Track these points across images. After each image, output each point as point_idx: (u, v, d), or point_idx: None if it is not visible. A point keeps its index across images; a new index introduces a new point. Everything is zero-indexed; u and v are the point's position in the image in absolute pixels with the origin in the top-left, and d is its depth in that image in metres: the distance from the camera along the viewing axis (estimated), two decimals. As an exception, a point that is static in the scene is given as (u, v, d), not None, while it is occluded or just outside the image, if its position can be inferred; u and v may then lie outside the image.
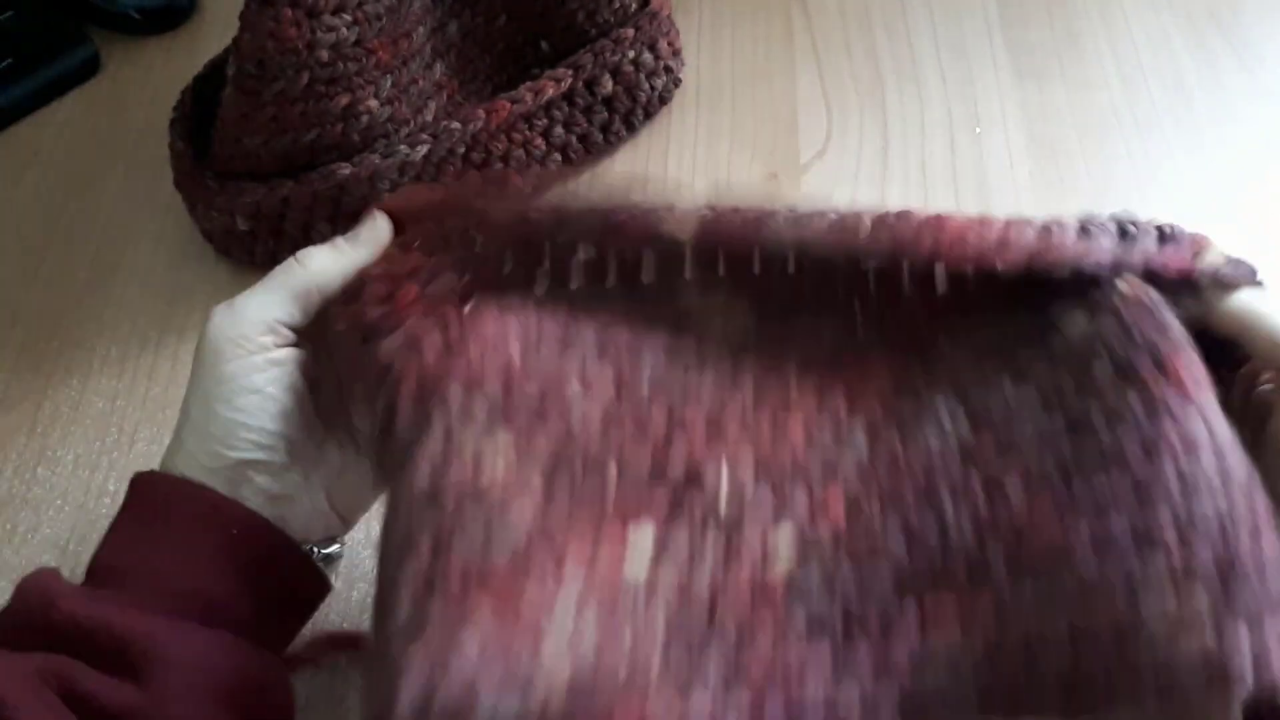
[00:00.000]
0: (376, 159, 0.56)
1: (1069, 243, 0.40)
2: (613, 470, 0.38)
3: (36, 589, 0.38)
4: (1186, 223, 0.59)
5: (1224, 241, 0.59)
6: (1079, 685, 0.33)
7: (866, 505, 0.38)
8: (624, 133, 0.63)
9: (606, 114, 0.62)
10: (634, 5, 0.61)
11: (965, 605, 0.35)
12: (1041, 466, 0.36)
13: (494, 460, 0.37)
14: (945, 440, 0.39)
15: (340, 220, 0.58)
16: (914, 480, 0.38)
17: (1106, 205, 0.60)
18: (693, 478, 0.38)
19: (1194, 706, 0.32)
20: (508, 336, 0.39)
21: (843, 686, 0.35)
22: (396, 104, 0.56)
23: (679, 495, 0.38)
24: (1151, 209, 0.59)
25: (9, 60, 0.68)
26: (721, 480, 0.39)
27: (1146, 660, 0.32)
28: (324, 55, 0.52)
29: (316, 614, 0.49)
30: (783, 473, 0.39)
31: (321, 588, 0.43)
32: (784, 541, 0.38)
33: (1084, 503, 0.35)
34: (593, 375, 0.40)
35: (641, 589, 0.36)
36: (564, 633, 0.34)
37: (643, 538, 0.37)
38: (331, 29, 0.52)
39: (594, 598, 0.36)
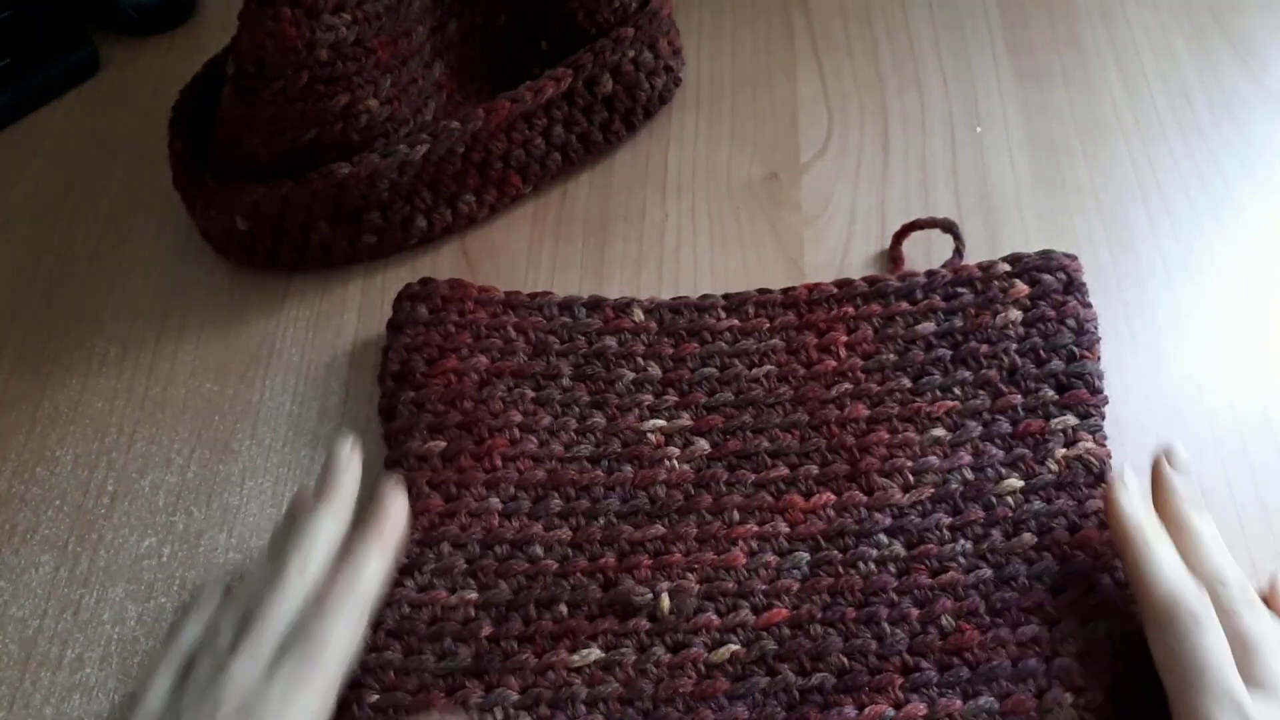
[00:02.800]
0: (376, 158, 0.56)
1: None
2: (563, 609, 0.46)
3: None
4: (1186, 222, 0.59)
5: (1224, 241, 0.59)
6: None
7: (808, 620, 0.45)
8: (624, 132, 0.63)
9: (606, 113, 0.62)
10: (634, 4, 0.61)
11: (900, 709, 0.43)
12: (970, 599, 0.45)
13: (461, 604, 0.46)
14: (883, 565, 0.46)
15: (339, 219, 0.58)
16: (853, 599, 0.45)
17: (1106, 205, 0.60)
18: (639, 608, 0.46)
19: None
20: (491, 504, 0.49)
21: None
22: (396, 103, 0.56)
23: (625, 623, 0.46)
24: (1151, 209, 0.60)
25: (8, 60, 0.68)
26: (664, 606, 0.46)
27: None
28: (323, 54, 0.52)
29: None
30: (727, 595, 0.46)
31: None
32: (728, 653, 0.45)
33: (1004, 628, 0.44)
34: (553, 536, 0.48)
35: (581, 697, 0.44)
36: None
37: (588, 655, 0.45)
38: (331, 28, 0.52)
39: (529, 701, 0.44)
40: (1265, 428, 0.52)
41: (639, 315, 0.54)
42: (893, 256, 0.57)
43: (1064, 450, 0.48)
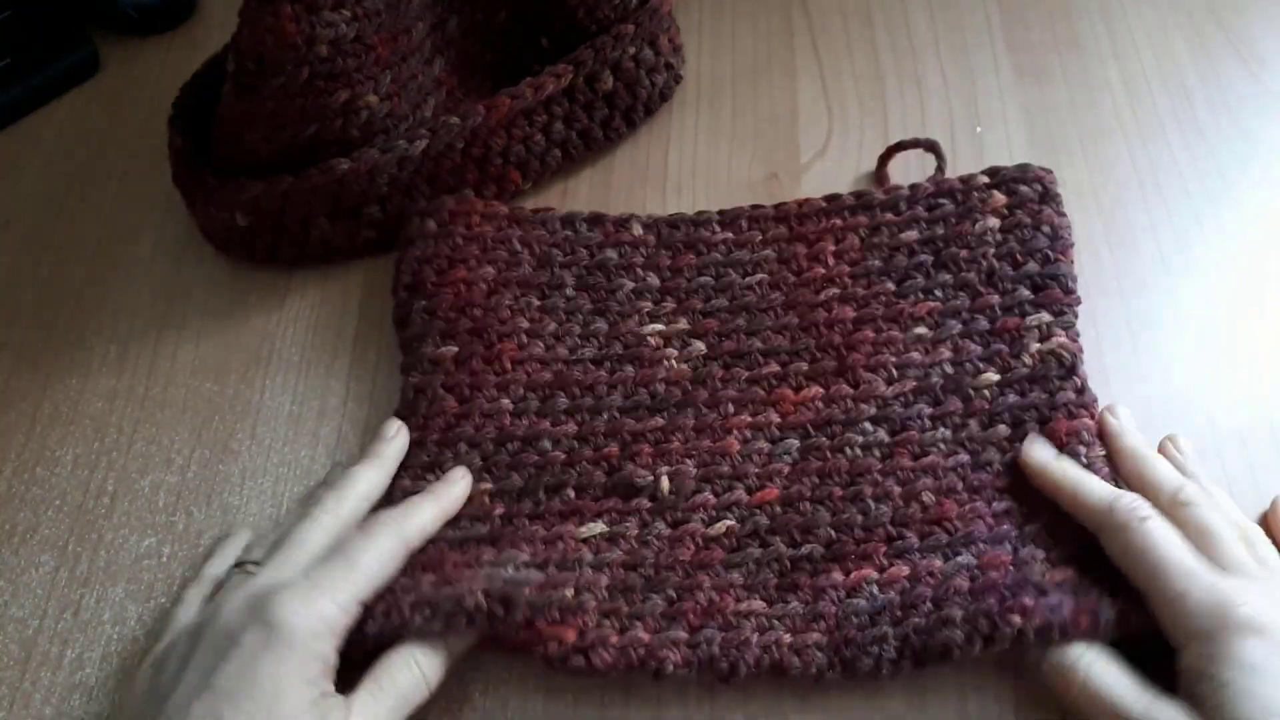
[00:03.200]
0: (375, 154, 0.56)
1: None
2: (570, 493, 0.50)
3: None
4: (1187, 222, 0.59)
5: (1225, 240, 0.59)
6: (978, 618, 0.43)
7: (798, 499, 0.49)
8: (624, 129, 0.63)
9: (607, 110, 0.62)
10: (634, 1, 0.61)
11: (884, 571, 0.46)
12: (949, 479, 0.48)
13: (477, 494, 0.50)
14: (868, 449, 0.50)
15: (339, 215, 0.58)
16: (840, 480, 0.49)
17: (1106, 205, 0.60)
18: (641, 489, 0.49)
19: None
20: (502, 405, 0.52)
21: (773, 631, 0.45)
22: (396, 99, 0.56)
23: (628, 502, 0.49)
24: (1151, 209, 0.59)
25: (8, 60, 0.68)
26: (664, 487, 0.49)
27: (1030, 601, 0.43)
28: (323, 51, 0.52)
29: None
30: (722, 477, 0.50)
31: None
32: (724, 527, 0.48)
33: (979, 503, 0.48)
34: (559, 430, 0.51)
35: (588, 560, 0.47)
36: (502, 573, 0.46)
37: (594, 528, 0.49)
38: (331, 24, 0.52)
39: (538, 561, 0.47)
40: (1266, 427, 0.52)
41: (638, 229, 0.57)
42: (878, 177, 0.61)
43: (1038, 345, 0.51)
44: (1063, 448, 0.48)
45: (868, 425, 0.50)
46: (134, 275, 0.61)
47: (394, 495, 0.49)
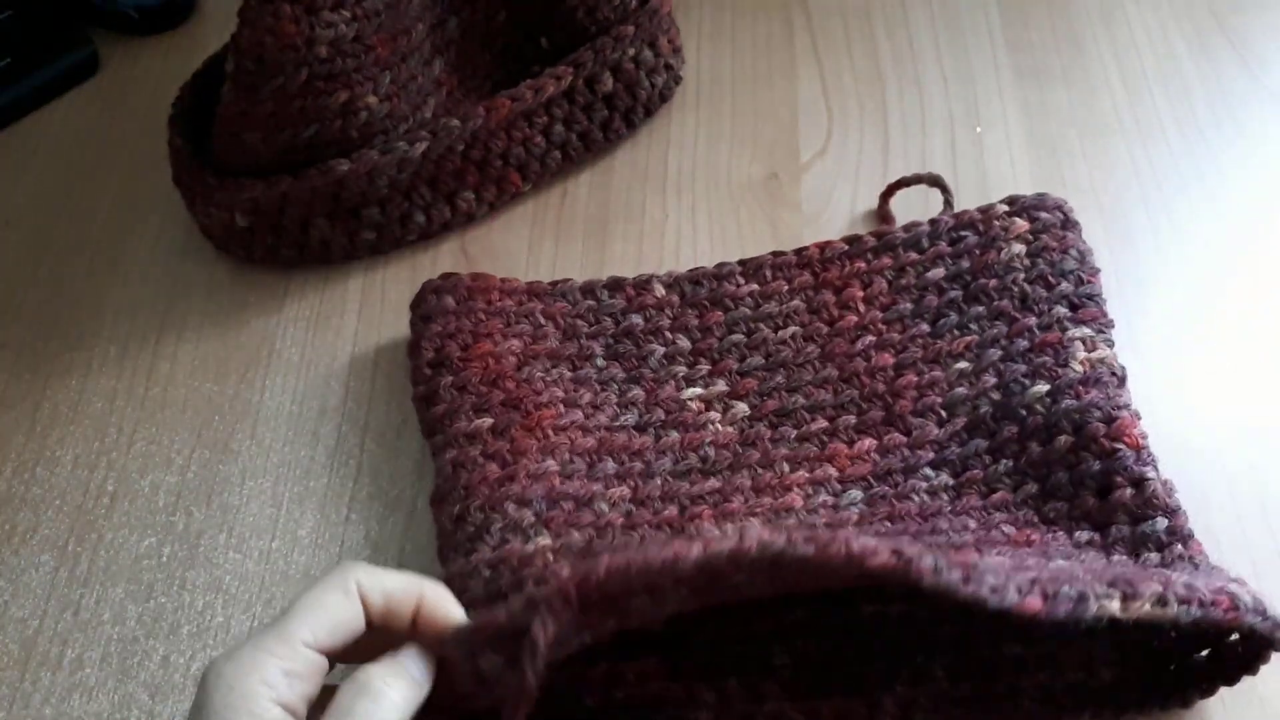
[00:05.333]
0: (375, 155, 0.56)
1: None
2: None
3: None
4: (1186, 222, 0.59)
5: (1225, 240, 0.59)
6: (1117, 580, 0.38)
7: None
8: (624, 130, 0.63)
9: (607, 111, 0.62)
10: (634, 2, 0.61)
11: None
12: (1024, 513, 0.46)
13: (537, 551, 0.45)
14: (935, 494, 0.47)
15: (339, 216, 0.58)
16: (913, 522, 0.46)
17: (1106, 205, 0.60)
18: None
19: None
20: (548, 467, 0.48)
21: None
22: (395, 100, 0.56)
23: None
24: (1151, 209, 0.59)
25: (8, 60, 0.68)
26: None
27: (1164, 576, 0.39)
28: (323, 51, 0.52)
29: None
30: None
31: None
32: None
33: (1061, 532, 0.45)
34: (615, 494, 0.48)
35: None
36: None
37: None
38: (330, 25, 0.52)
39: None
40: (1267, 428, 0.52)
41: (660, 290, 0.55)
42: (881, 215, 0.59)
43: (1085, 354, 0.49)
44: (1138, 449, 0.46)
45: (929, 471, 0.48)
46: (134, 276, 0.61)
47: (453, 584, 0.42)
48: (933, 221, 0.55)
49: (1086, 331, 0.50)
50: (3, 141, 0.68)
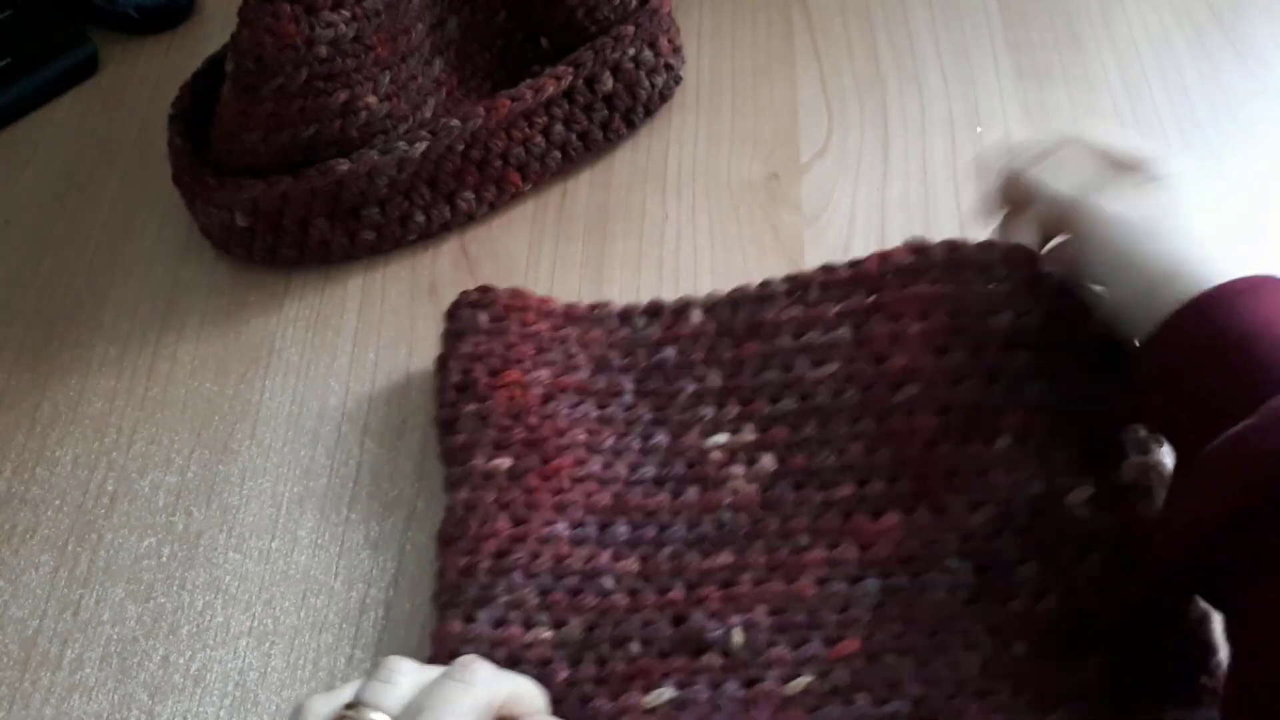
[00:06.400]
0: (375, 155, 0.56)
1: None
2: (635, 646, 0.45)
3: None
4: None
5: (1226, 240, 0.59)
6: None
7: (881, 651, 0.43)
8: (624, 130, 0.63)
9: (607, 111, 0.62)
10: (634, 2, 0.61)
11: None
12: (1039, 629, 0.43)
13: (536, 643, 0.45)
14: (954, 590, 0.44)
15: (338, 216, 0.58)
16: (925, 627, 0.44)
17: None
18: (711, 644, 0.44)
19: None
20: (559, 531, 0.47)
21: None
22: (395, 100, 0.56)
23: (697, 659, 0.44)
24: (1153, 208, 0.59)
25: (8, 59, 0.69)
26: (736, 642, 0.44)
27: None
28: (322, 51, 0.52)
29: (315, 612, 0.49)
30: (798, 627, 0.44)
31: None
32: (802, 685, 0.43)
33: (1074, 659, 0.42)
34: (622, 567, 0.46)
35: None
36: None
37: (661, 694, 0.44)
38: (330, 25, 0.52)
39: None
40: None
41: (697, 317, 0.52)
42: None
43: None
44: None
45: (952, 562, 0.45)
46: (134, 275, 0.61)
47: (447, 640, 0.45)
48: (1016, 249, 0.49)
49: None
50: (3, 141, 0.68)
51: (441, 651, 0.45)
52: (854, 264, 0.51)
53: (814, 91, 0.67)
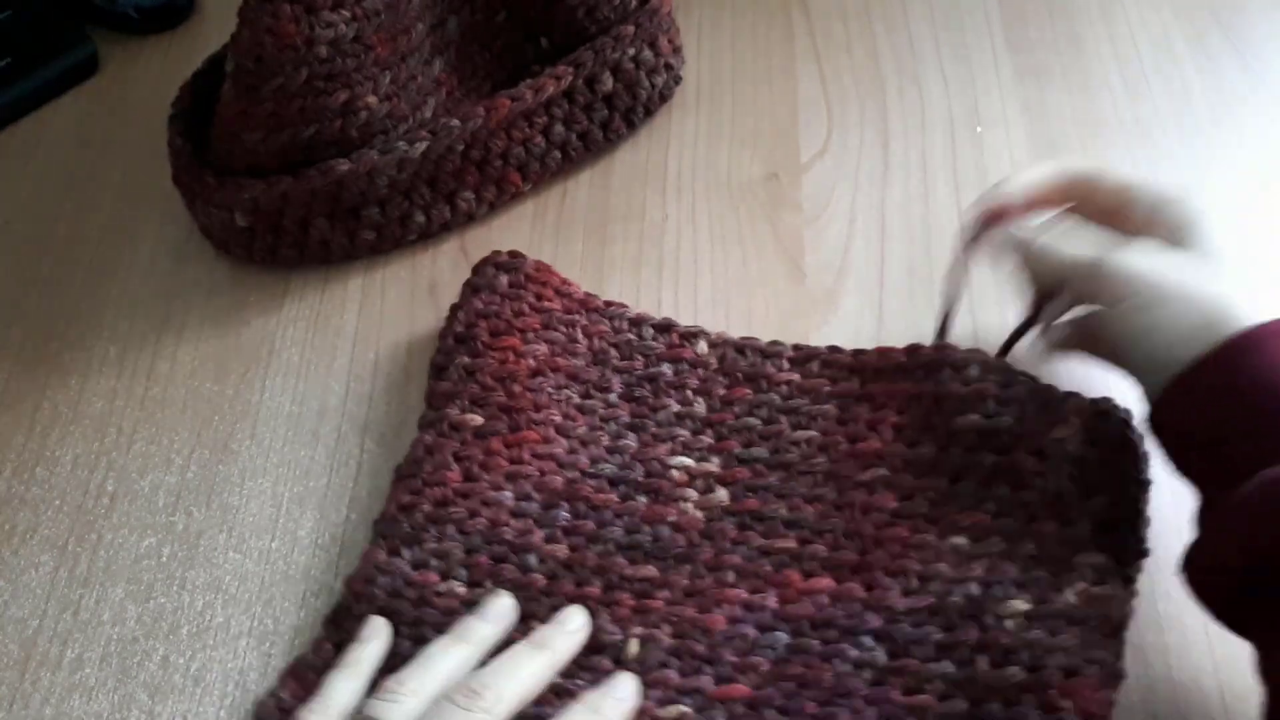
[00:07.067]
0: (375, 155, 0.56)
1: None
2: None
3: None
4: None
5: (1225, 241, 0.59)
6: None
7: (766, 705, 0.43)
8: (624, 130, 0.63)
9: (607, 111, 0.62)
10: (634, 2, 0.61)
11: None
12: None
13: (449, 594, 0.46)
14: (860, 667, 0.44)
15: (338, 216, 0.58)
16: (818, 695, 0.43)
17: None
18: (606, 646, 0.45)
19: None
20: (503, 498, 0.49)
21: None
22: (395, 100, 0.56)
23: (589, 657, 0.45)
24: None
25: (8, 59, 0.69)
26: (631, 652, 0.45)
27: None
28: (322, 51, 0.52)
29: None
30: (695, 656, 0.45)
31: None
32: (676, 713, 0.43)
33: None
34: (550, 550, 0.47)
35: (529, 714, 0.42)
36: None
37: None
38: (330, 25, 0.52)
39: None
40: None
41: (703, 347, 0.53)
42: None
43: (1086, 585, 0.43)
44: (1085, 716, 0.41)
45: (867, 640, 0.44)
46: (134, 276, 0.61)
47: (365, 562, 0.47)
48: (986, 364, 0.49)
49: (1101, 561, 0.44)
50: (3, 141, 0.68)
51: (361, 574, 0.47)
52: (858, 353, 0.52)
53: (814, 91, 0.67)
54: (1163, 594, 0.46)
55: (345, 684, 0.42)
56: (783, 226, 0.60)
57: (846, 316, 0.57)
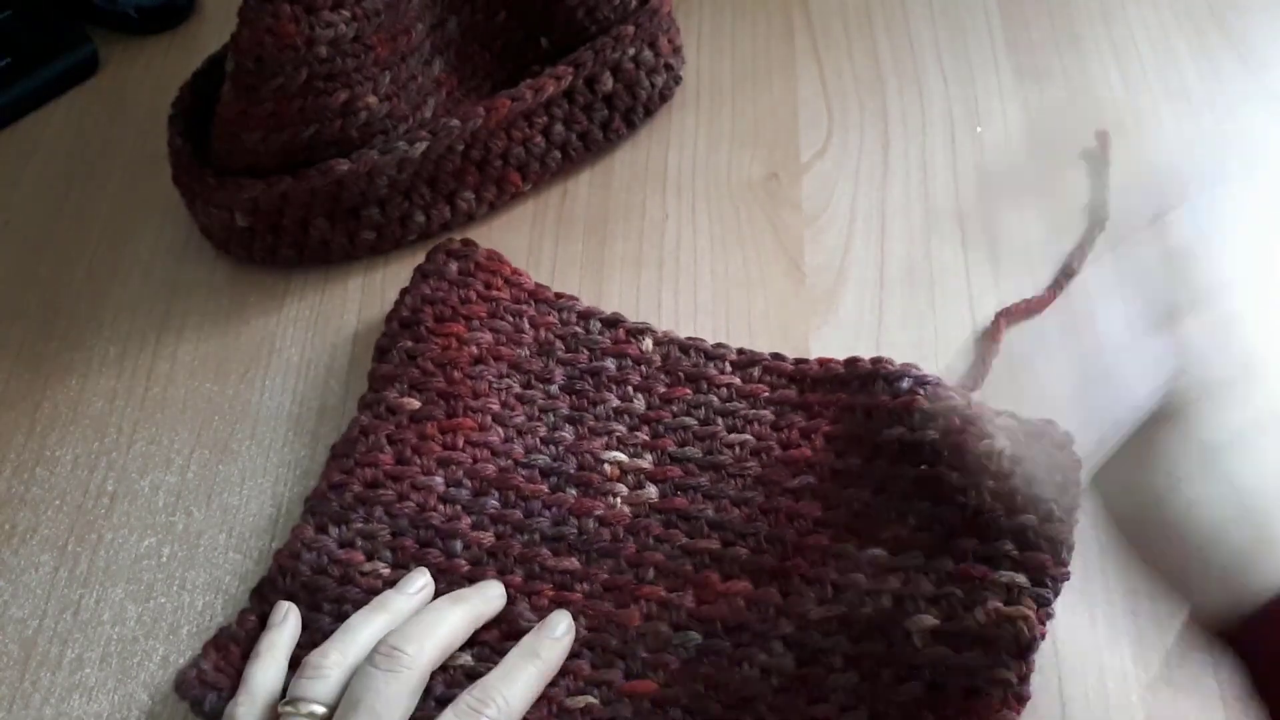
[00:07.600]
0: (375, 155, 0.56)
1: None
2: None
3: None
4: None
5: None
6: None
7: (672, 704, 0.44)
8: (624, 130, 0.63)
9: (607, 111, 0.62)
10: (634, 2, 0.61)
11: None
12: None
13: (373, 574, 0.48)
14: (768, 673, 0.44)
15: (338, 216, 0.58)
16: (724, 698, 0.44)
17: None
18: (521, 632, 0.46)
19: None
20: (434, 483, 0.50)
21: None
22: (395, 100, 0.56)
23: (504, 642, 0.46)
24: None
25: (8, 59, 0.68)
26: None
27: None
28: (322, 51, 0.52)
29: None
30: (607, 649, 0.46)
31: None
32: (583, 703, 0.44)
33: None
34: (475, 537, 0.48)
35: (436, 691, 0.44)
36: None
37: (458, 658, 0.45)
38: (330, 25, 0.52)
39: None
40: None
41: (648, 344, 0.54)
42: (993, 335, 0.54)
43: (998, 604, 0.42)
44: None
45: (778, 646, 0.44)
46: (134, 276, 0.61)
47: (293, 538, 0.49)
48: (919, 378, 0.49)
49: (1019, 580, 0.42)
50: (3, 141, 0.68)
51: (287, 548, 0.48)
52: (799, 361, 0.52)
53: (814, 91, 0.67)
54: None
55: (265, 671, 0.44)
56: (782, 226, 0.60)
57: (846, 316, 0.57)
